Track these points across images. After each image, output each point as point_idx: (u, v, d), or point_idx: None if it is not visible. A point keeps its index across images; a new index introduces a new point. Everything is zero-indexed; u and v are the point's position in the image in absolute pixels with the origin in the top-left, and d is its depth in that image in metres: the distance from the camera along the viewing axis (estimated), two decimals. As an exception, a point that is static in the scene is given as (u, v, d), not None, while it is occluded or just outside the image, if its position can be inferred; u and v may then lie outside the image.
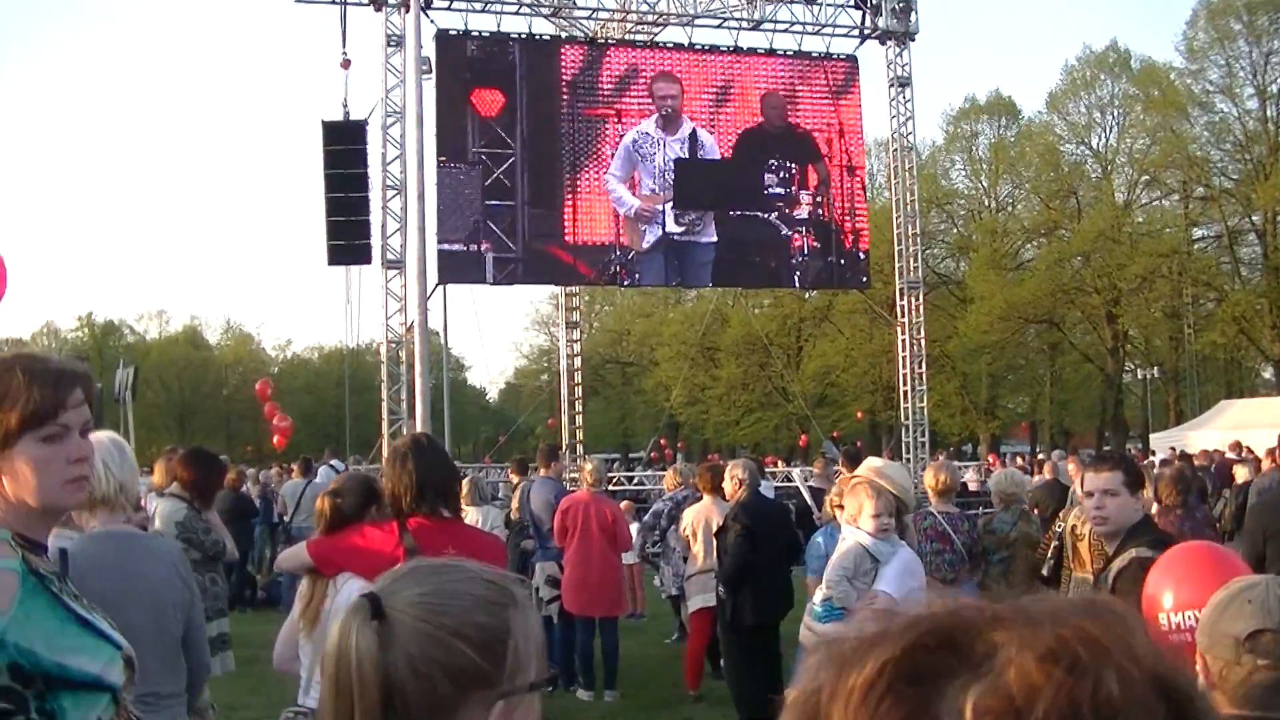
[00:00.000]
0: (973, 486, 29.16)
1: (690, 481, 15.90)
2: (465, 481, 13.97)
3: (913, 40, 31.60)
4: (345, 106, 27.03)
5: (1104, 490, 6.31)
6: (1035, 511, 12.55)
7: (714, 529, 12.41)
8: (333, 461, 27.81)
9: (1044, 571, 10.64)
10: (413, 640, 1.94)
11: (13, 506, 3.05)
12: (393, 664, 1.92)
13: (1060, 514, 10.97)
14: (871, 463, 7.56)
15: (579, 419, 38.53)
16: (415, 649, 1.94)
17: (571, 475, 21.85)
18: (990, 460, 48.87)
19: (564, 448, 36.49)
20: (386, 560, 5.45)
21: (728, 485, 12.35)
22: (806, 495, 17.71)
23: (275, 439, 49.69)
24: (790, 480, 31.64)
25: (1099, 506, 6.38)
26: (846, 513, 7.11)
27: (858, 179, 31.56)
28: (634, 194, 28.89)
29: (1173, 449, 41.27)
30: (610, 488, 27.27)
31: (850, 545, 6.92)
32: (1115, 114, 67.43)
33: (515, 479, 17.85)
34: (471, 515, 13.37)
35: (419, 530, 5.61)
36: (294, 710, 6.01)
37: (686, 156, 29.34)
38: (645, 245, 28.90)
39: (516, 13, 29.61)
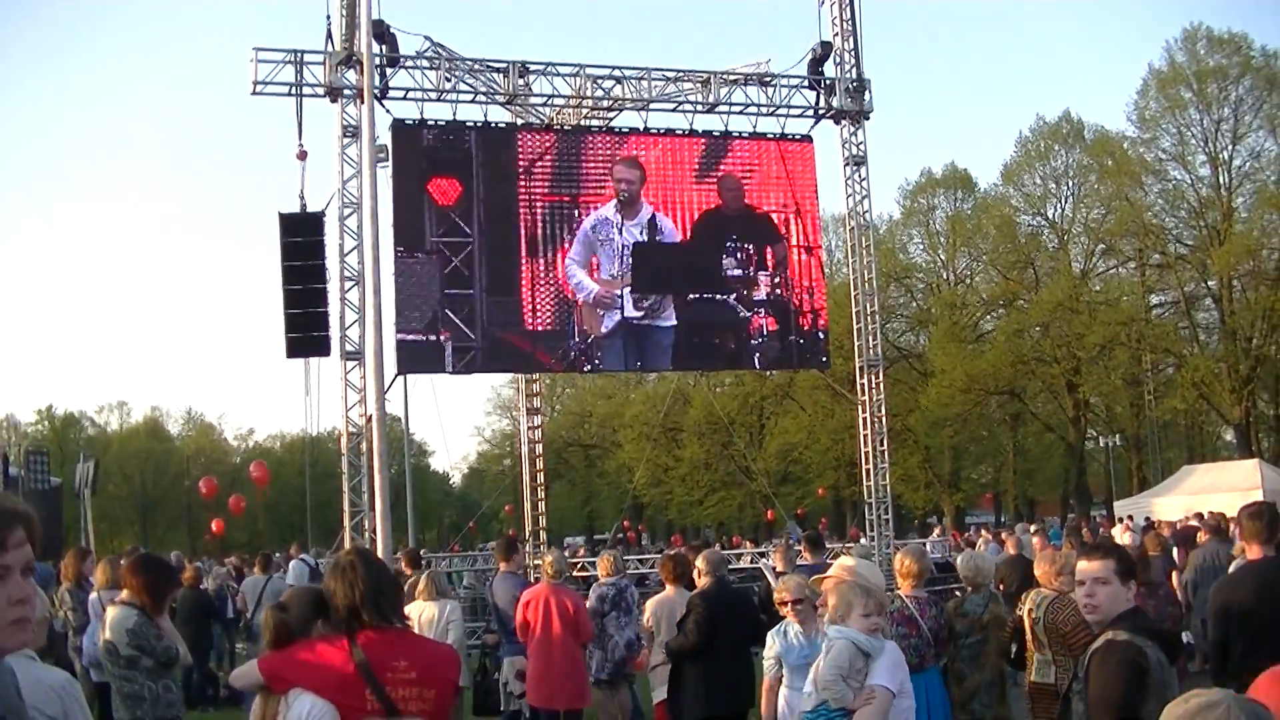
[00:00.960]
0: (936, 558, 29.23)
1: (623, 569, 15.97)
2: (424, 576, 13.95)
3: (867, 119, 31.73)
4: (302, 198, 27.02)
5: (1095, 579, 6.32)
6: (1000, 587, 12.55)
7: (677, 618, 12.38)
8: (302, 556, 27.69)
9: (1010, 653, 10.67)
10: None
11: None
12: None
13: (1021, 597, 10.99)
14: (844, 562, 7.54)
15: (542, 504, 38.43)
16: None
17: (535, 563, 21.78)
18: (953, 535, 48.94)
19: (528, 533, 36.40)
20: (337, 676, 5.44)
21: (698, 578, 12.34)
22: (771, 578, 17.65)
23: (214, 524, 49.48)
24: (754, 562, 31.67)
25: (1090, 594, 6.39)
26: (834, 612, 7.08)
27: (815, 257, 31.59)
28: (593, 278, 28.90)
29: (1131, 517, 41.46)
30: (576, 574, 27.22)
31: (841, 644, 6.90)
32: (1070, 184, 68.10)
33: (409, 571, 17.41)
34: (430, 610, 13.32)
35: (370, 644, 5.57)
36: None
37: (645, 240, 29.39)
38: (604, 330, 28.87)
39: (473, 101, 29.69)
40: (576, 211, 29.21)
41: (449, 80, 29.07)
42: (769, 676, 9.49)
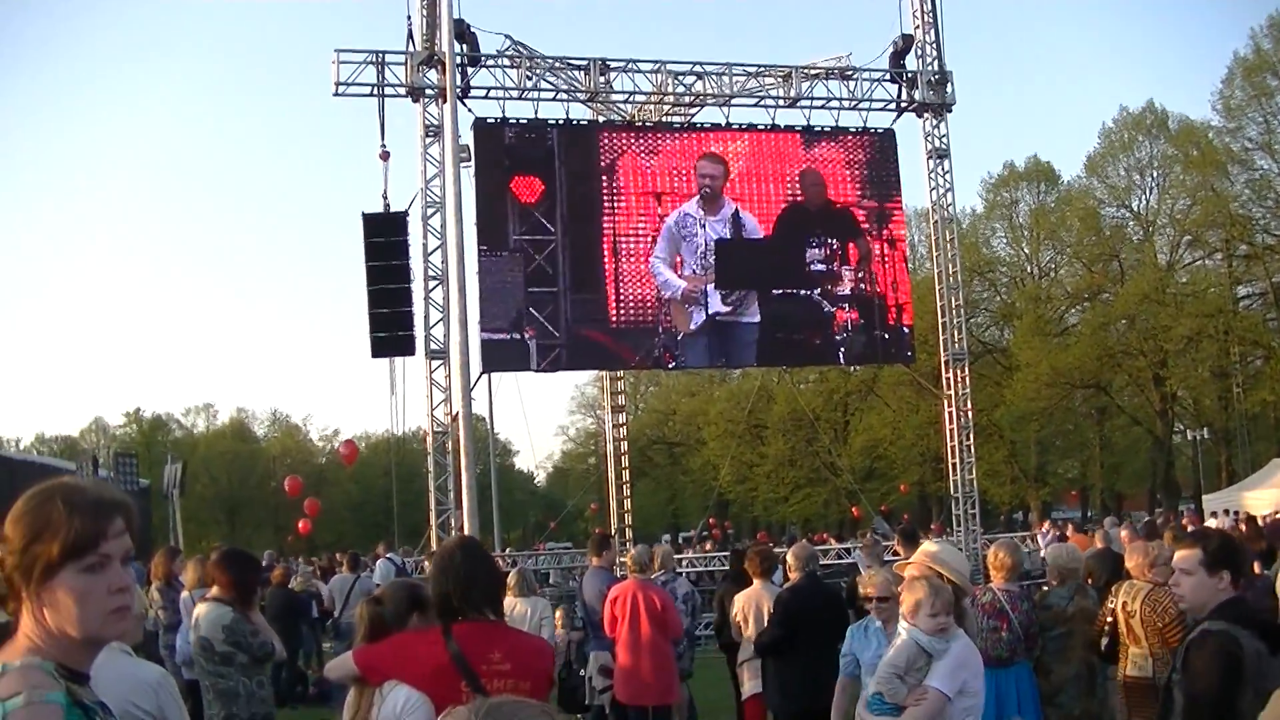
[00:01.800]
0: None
1: (674, 565, 16.02)
2: (513, 573, 13.94)
3: (949, 111, 31.52)
4: (385, 198, 27.15)
5: (1180, 569, 6.28)
6: (1089, 581, 12.41)
7: (765, 613, 12.33)
8: (389, 555, 27.80)
9: (1102, 646, 10.53)
10: None
11: (55, 637, 3.02)
12: None
13: (1113, 586, 10.86)
14: (927, 548, 7.52)
15: (627, 502, 38.41)
16: None
17: (622, 561, 21.76)
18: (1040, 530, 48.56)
19: (614, 531, 36.37)
20: (432, 667, 5.43)
21: (790, 571, 12.29)
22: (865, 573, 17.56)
23: (300, 525, 49.79)
24: (841, 558, 31.50)
25: (1175, 584, 6.40)
26: (904, 607, 7.04)
27: (899, 252, 31.41)
28: (678, 275, 28.85)
29: (1226, 510, 40.94)
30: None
31: (905, 642, 6.88)
32: (1155, 175, 67.36)
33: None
34: (520, 607, 13.33)
35: (465, 635, 5.57)
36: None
37: (729, 236, 29.29)
38: (693, 326, 28.79)
39: (554, 99, 29.71)
40: (659, 208, 29.15)
41: (530, 78, 29.11)
42: (843, 674, 9.28)
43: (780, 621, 11.60)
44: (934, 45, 31.35)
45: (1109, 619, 10.39)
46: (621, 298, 28.55)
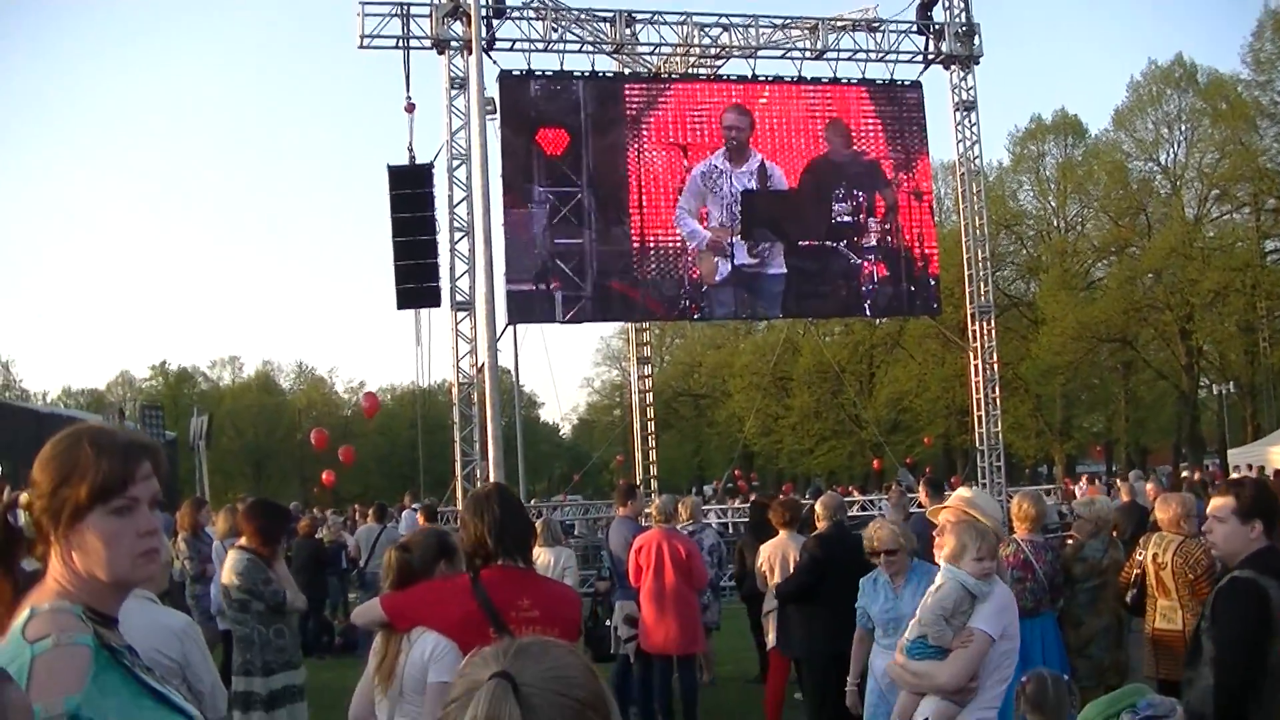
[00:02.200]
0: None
1: (699, 518, 16.10)
2: (539, 523, 13.96)
3: (976, 64, 31.34)
4: (410, 150, 27.13)
5: (1214, 517, 6.29)
6: (1115, 534, 12.41)
7: (791, 563, 12.35)
8: (414, 506, 27.87)
9: (1128, 599, 10.54)
10: (556, 713, 1.97)
11: (83, 580, 3.04)
12: None
13: (1140, 539, 10.86)
14: (962, 493, 7.48)
15: (652, 453, 38.43)
16: (568, 710, 1.99)
17: (648, 512, 21.77)
18: (1065, 484, 48.50)
19: (638, 483, 36.44)
20: (460, 614, 5.43)
21: (818, 520, 12.30)
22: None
23: (325, 476, 49.93)
24: (865, 510, 31.52)
25: (1209, 531, 6.41)
26: (945, 551, 7.00)
27: (925, 204, 31.29)
28: (704, 227, 28.78)
29: (1250, 465, 40.84)
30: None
31: (950, 585, 6.84)
32: (1183, 129, 66.88)
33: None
34: (545, 556, 13.35)
35: (493, 581, 5.57)
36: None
37: (755, 188, 29.21)
38: (719, 278, 28.73)
39: (579, 51, 29.61)
40: (685, 160, 29.07)
41: (555, 30, 28.99)
42: (860, 627, 9.73)
43: (808, 569, 11.62)
44: (961, -3, 31.24)
45: (1137, 571, 10.40)
46: (647, 250, 28.50)
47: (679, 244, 28.67)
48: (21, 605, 3.02)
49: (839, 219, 29.79)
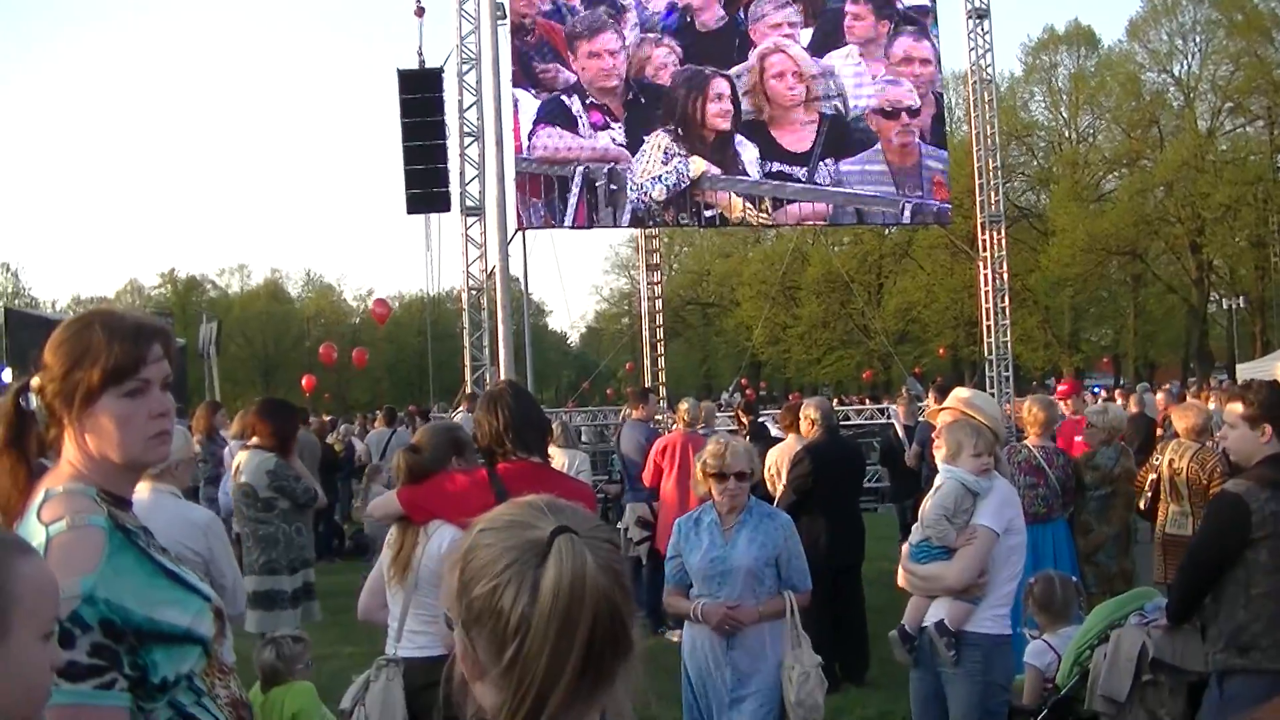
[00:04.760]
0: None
1: (713, 424, 16.11)
2: (554, 424, 14.00)
3: (990, -30, 31.18)
4: (420, 54, 26.99)
5: (1227, 422, 6.34)
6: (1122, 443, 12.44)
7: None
8: (424, 410, 27.96)
9: (1141, 505, 10.59)
10: (613, 560, 2.01)
11: (96, 463, 3.07)
12: (608, 586, 1.95)
13: (1157, 448, 10.91)
14: (960, 393, 7.46)
15: (660, 361, 38.46)
16: (618, 567, 2.01)
17: (657, 417, 21.80)
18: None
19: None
20: (478, 506, 5.40)
21: (802, 425, 12.34)
22: (900, 432, 17.55)
23: (304, 381, 50.01)
24: (873, 419, 31.57)
25: (1223, 437, 6.51)
26: (944, 451, 7.01)
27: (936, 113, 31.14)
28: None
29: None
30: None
31: (950, 484, 6.85)
32: (1197, 40, 66.52)
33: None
34: (559, 458, 13.37)
35: (509, 475, 5.59)
36: (386, 659, 6.01)
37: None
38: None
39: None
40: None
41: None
42: (671, 584, 7.60)
43: (799, 478, 11.63)
44: (976, -100, 30.94)
45: (1153, 476, 10.43)
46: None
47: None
48: (36, 488, 3.05)
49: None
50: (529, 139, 25.99)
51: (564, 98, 26.29)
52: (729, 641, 7.03)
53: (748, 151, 27.31)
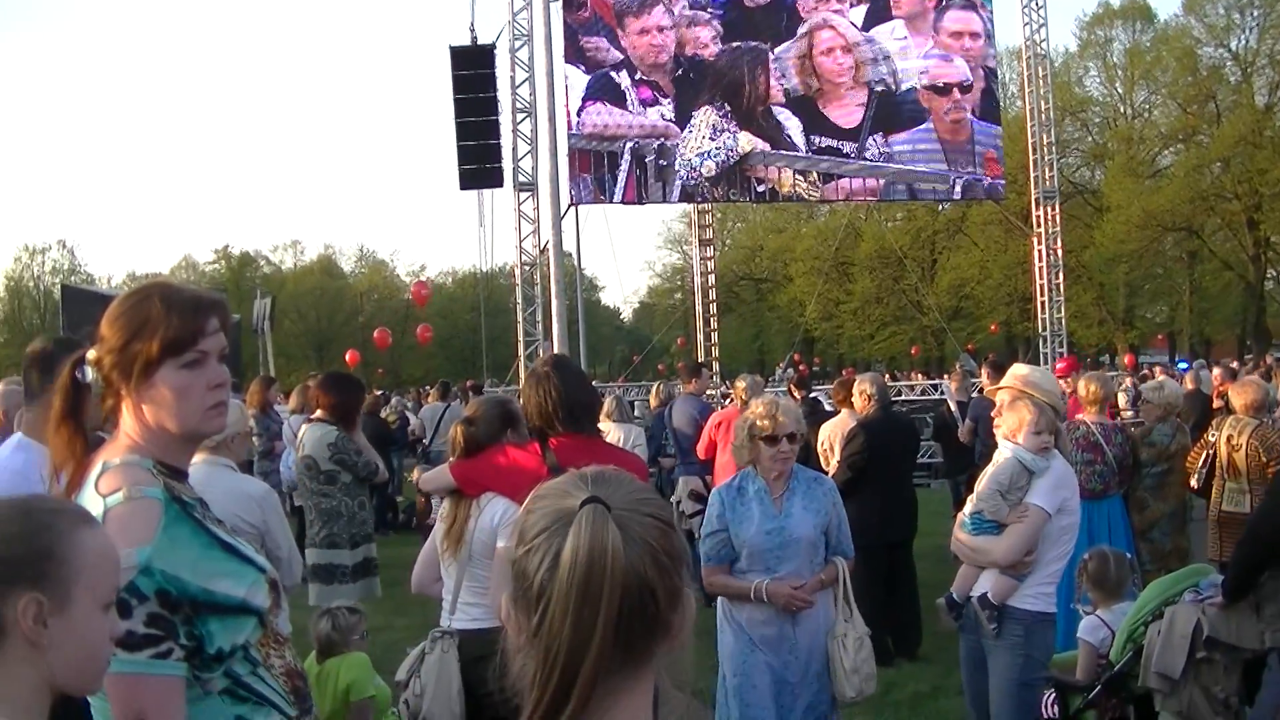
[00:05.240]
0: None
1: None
2: (608, 399, 14.02)
3: (1045, -55, 31.02)
4: (473, 31, 27.09)
5: None
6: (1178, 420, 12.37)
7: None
8: (477, 385, 28.03)
9: (1194, 483, 10.53)
10: (650, 535, 1.98)
11: (153, 434, 3.10)
12: (638, 560, 1.94)
13: (1214, 424, 10.85)
14: (1018, 370, 7.43)
15: (714, 336, 38.47)
16: (654, 543, 1.98)
17: (709, 392, 21.78)
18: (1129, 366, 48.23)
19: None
20: (530, 479, 5.42)
21: (856, 400, 12.32)
22: (954, 408, 17.48)
23: (347, 356, 50.13)
24: (926, 394, 31.46)
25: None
26: (1004, 428, 6.98)
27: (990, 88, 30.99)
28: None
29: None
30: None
31: (1007, 459, 6.84)
32: (1255, 14, 65.66)
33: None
34: (614, 433, 13.37)
35: (562, 448, 5.59)
36: (440, 631, 6.04)
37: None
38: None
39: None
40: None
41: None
42: (710, 564, 7.01)
43: (853, 456, 11.60)
44: (1031, -125, 30.79)
45: (1208, 452, 10.38)
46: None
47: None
48: (94, 460, 3.08)
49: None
50: (578, 115, 26.03)
51: (612, 73, 26.30)
52: (795, 619, 6.74)
53: (793, 125, 27.25)
